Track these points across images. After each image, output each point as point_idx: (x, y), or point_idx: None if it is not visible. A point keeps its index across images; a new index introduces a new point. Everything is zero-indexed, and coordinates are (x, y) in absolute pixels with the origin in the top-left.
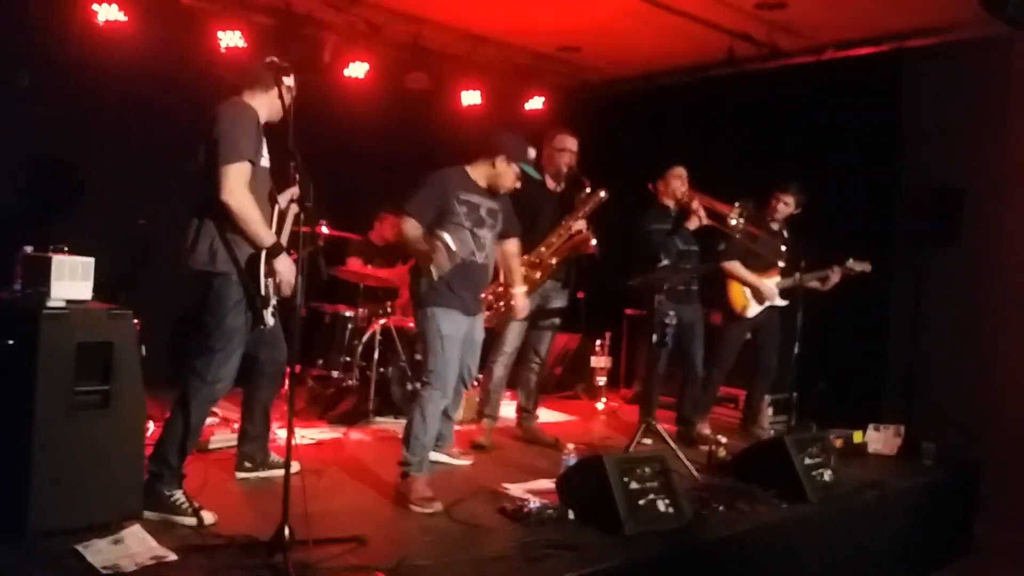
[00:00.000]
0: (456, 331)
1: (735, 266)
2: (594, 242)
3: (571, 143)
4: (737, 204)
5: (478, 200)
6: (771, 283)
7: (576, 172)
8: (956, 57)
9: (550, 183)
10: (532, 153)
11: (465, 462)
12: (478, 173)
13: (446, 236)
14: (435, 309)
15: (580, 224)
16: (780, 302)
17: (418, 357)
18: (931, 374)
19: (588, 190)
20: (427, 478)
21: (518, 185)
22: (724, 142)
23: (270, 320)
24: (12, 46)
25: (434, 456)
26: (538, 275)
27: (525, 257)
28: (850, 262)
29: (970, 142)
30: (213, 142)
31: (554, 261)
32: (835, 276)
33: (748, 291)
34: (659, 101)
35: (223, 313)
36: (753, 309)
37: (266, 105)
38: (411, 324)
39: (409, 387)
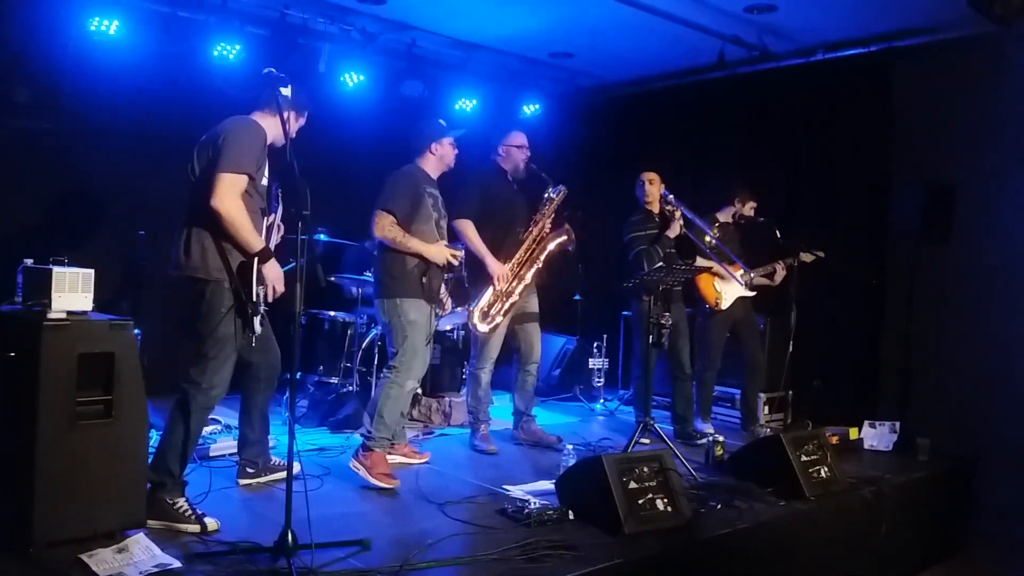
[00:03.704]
0: (423, 319)
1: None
2: (573, 236)
3: (524, 139)
4: (717, 224)
5: (435, 192)
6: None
7: (535, 169)
8: (945, 56)
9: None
10: (442, 121)
11: (420, 461)
12: (428, 166)
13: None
14: (404, 299)
15: (549, 223)
16: (748, 292)
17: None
18: (925, 370)
19: (551, 188)
20: (387, 455)
21: (456, 151)
22: (716, 144)
23: (258, 327)
24: (12, 62)
25: (390, 458)
26: (530, 276)
27: (509, 261)
28: (802, 255)
29: (960, 140)
30: (216, 150)
31: (540, 260)
32: (781, 270)
33: (717, 283)
34: (652, 105)
35: (216, 320)
36: (727, 300)
37: (274, 127)
38: None
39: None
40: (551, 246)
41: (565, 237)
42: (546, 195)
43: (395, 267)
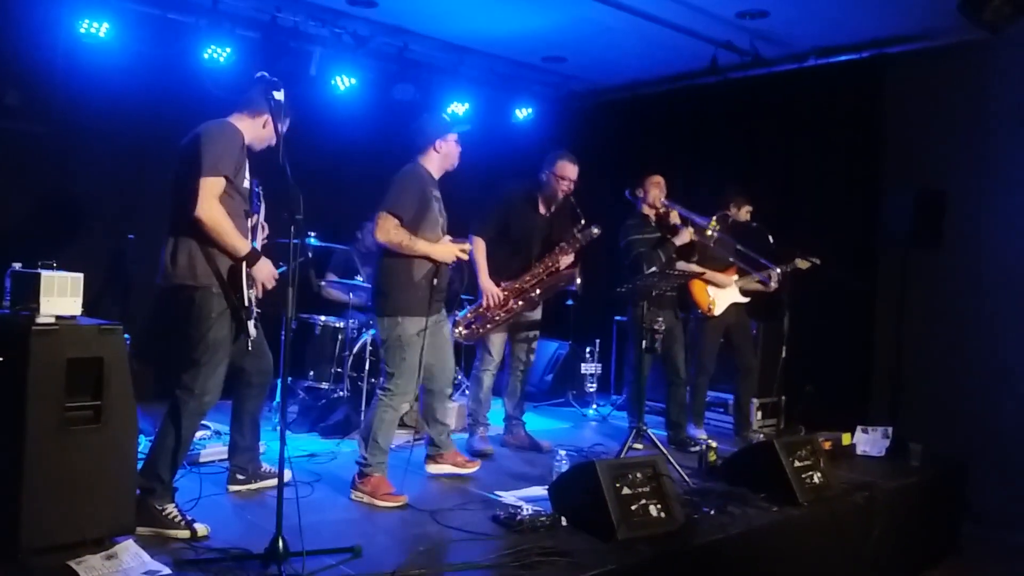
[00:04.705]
0: (420, 336)
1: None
2: (579, 280)
3: (572, 172)
4: (714, 218)
5: (438, 193)
6: (727, 279)
7: (573, 204)
8: (936, 62)
9: (541, 208)
10: (447, 115)
11: (470, 470)
12: (432, 166)
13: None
14: (406, 318)
15: (569, 259)
16: (741, 298)
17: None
18: (917, 375)
19: (582, 225)
20: (385, 474)
21: (459, 149)
22: (708, 149)
23: (253, 331)
24: (0, 64)
25: (436, 470)
26: (520, 304)
27: (508, 284)
28: (798, 261)
29: (951, 145)
30: (194, 157)
31: (536, 294)
32: (775, 276)
33: (710, 289)
34: (644, 109)
35: (206, 326)
36: (720, 306)
37: (251, 129)
38: None
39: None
40: (553, 282)
41: (569, 280)
42: (575, 230)
43: (401, 278)
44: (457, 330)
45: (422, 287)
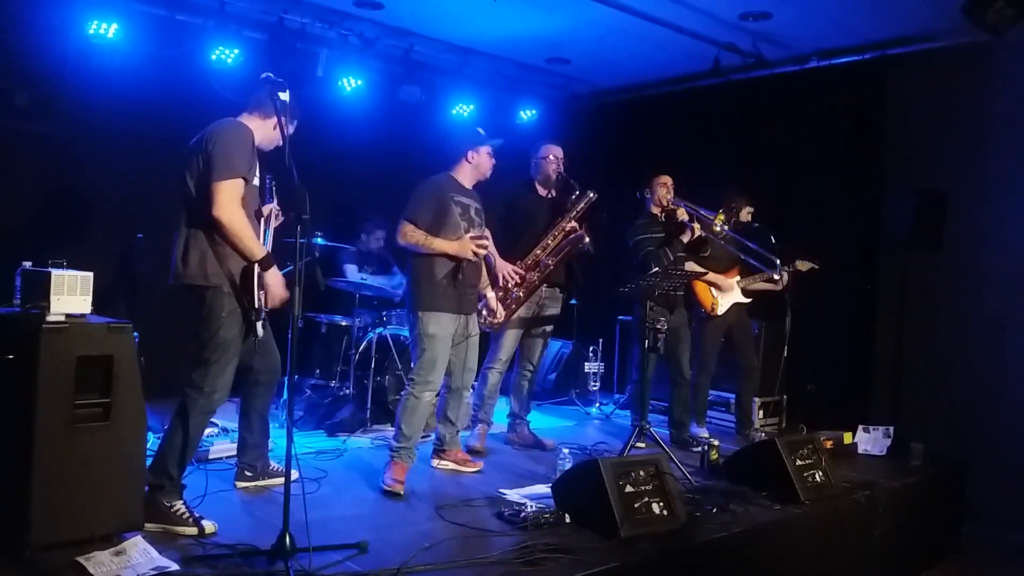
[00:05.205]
0: (444, 332)
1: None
2: (588, 239)
3: (555, 150)
4: (721, 211)
5: (468, 201)
6: (728, 283)
7: (565, 177)
8: (938, 64)
9: (541, 191)
10: (481, 130)
11: (471, 470)
12: (463, 176)
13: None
14: (427, 313)
15: (572, 225)
16: (743, 299)
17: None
18: (918, 375)
19: (577, 192)
20: (408, 465)
21: (493, 161)
22: (711, 150)
23: (260, 331)
24: (10, 65)
25: (439, 465)
26: (536, 277)
27: (521, 261)
28: (798, 263)
29: (953, 147)
30: (207, 157)
31: (551, 262)
32: (783, 276)
33: (713, 289)
34: (647, 111)
35: (216, 325)
36: (722, 306)
37: (261, 129)
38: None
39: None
40: (564, 247)
41: (579, 241)
42: (571, 198)
43: (423, 277)
44: (482, 317)
45: (443, 285)
